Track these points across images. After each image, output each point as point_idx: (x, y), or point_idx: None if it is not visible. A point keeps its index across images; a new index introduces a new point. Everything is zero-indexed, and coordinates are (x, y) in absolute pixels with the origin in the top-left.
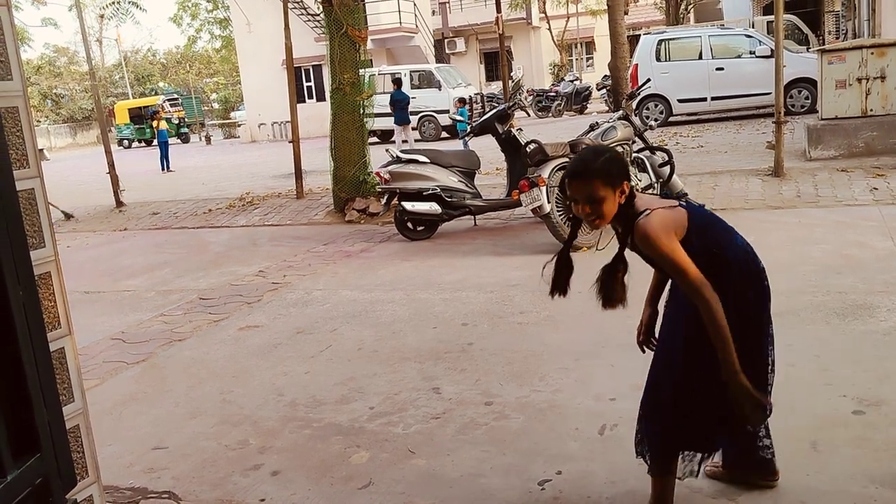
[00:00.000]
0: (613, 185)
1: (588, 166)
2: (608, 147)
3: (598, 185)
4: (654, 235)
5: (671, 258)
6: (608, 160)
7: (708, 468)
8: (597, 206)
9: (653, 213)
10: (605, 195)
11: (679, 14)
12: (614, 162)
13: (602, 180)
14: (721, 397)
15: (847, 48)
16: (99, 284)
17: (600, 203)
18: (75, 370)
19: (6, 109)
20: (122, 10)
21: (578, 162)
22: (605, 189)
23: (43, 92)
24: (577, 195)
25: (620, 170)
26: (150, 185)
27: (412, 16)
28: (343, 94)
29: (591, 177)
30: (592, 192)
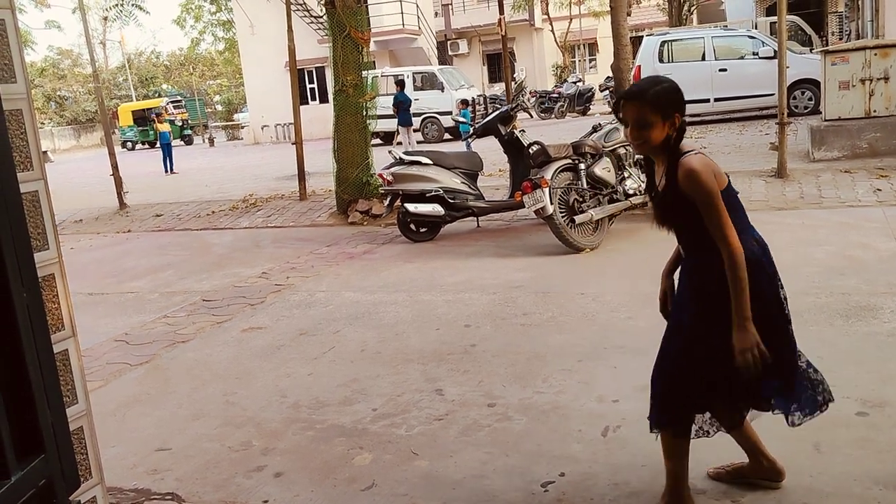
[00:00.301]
0: (663, 114)
1: (643, 91)
2: (667, 78)
3: (649, 110)
4: (700, 170)
5: (711, 197)
6: (664, 89)
7: (711, 470)
8: (644, 132)
9: (700, 154)
10: (653, 121)
11: (682, 15)
12: (669, 92)
13: (653, 106)
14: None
15: (850, 49)
16: (102, 286)
17: (648, 128)
18: (79, 372)
19: (10, 112)
20: (126, 12)
21: (635, 85)
22: (655, 115)
23: (47, 94)
24: (628, 117)
25: (674, 101)
26: (154, 187)
27: (415, 18)
28: (346, 95)
29: (644, 100)
30: (642, 115)
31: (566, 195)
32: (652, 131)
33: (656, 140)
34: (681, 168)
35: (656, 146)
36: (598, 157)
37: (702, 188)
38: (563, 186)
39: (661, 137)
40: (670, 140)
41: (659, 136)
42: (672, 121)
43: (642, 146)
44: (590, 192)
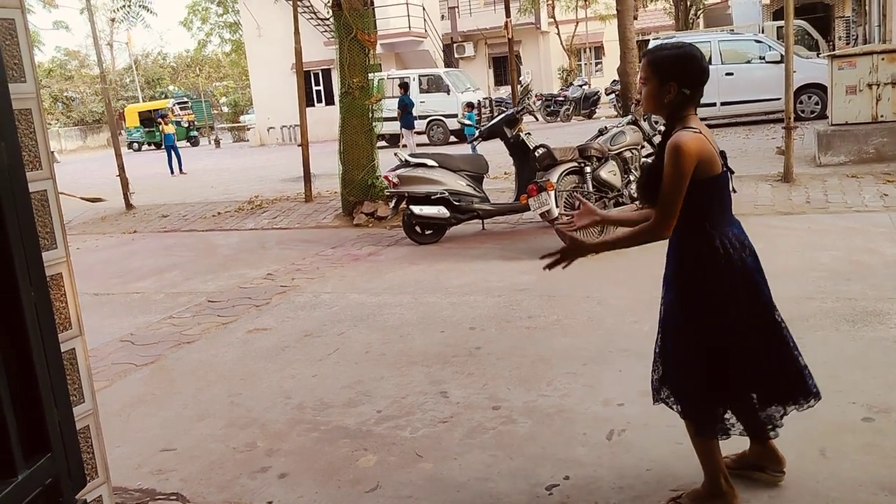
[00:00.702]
0: (660, 77)
1: (652, 50)
2: (690, 47)
3: (648, 68)
4: (684, 147)
5: (675, 181)
6: (669, 54)
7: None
8: (643, 87)
9: (696, 135)
10: (649, 81)
11: (688, 19)
12: (674, 58)
13: (653, 66)
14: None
15: (858, 54)
16: (109, 286)
17: (645, 84)
18: (86, 371)
19: (20, 111)
20: (133, 13)
21: (654, 45)
22: (652, 76)
23: (54, 95)
24: (640, 71)
25: (674, 68)
26: (160, 188)
27: (421, 20)
28: (352, 98)
29: (647, 57)
30: (644, 71)
31: (572, 198)
32: (647, 89)
33: (648, 100)
34: (669, 142)
35: (652, 107)
36: (604, 160)
37: (672, 164)
38: (568, 189)
39: (655, 99)
40: (669, 108)
41: (651, 97)
42: (668, 86)
43: (642, 102)
44: (595, 196)
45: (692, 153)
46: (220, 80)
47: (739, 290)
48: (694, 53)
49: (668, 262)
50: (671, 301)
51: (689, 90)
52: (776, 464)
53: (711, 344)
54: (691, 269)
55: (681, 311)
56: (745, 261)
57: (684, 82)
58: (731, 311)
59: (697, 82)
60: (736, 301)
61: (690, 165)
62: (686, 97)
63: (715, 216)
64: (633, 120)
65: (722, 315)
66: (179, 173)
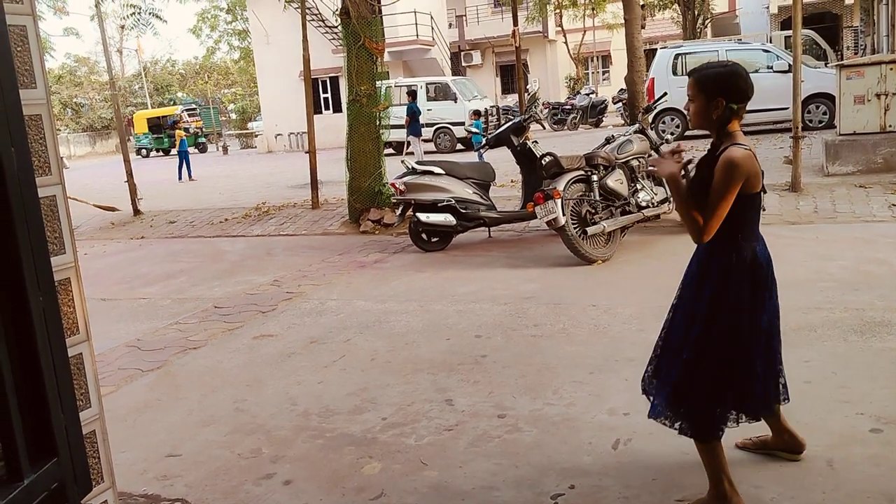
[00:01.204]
0: (707, 95)
1: (698, 69)
2: (735, 65)
3: (696, 85)
4: (738, 164)
5: (724, 194)
6: (714, 72)
7: (739, 441)
8: (691, 104)
9: (747, 152)
10: (696, 98)
11: (696, 28)
12: (720, 76)
13: (700, 84)
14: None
15: (866, 63)
16: (116, 292)
17: (692, 102)
18: (92, 376)
19: (30, 117)
20: (143, 20)
21: (702, 64)
22: (699, 94)
23: (63, 101)
24: (687, 88)
25: (721, 86)
26: (168, 194)
27: (429, 28)
28: (360, 105)
29: (694, 76)
30: (691, 89)
31: (578, 206)
32: (694, 106)
33: (696, 116)
34: (724, 156)
35: (700, 123)
36: (611, 168)
37: (725, 179)
38: (575, 198)
39: (702, 115)
40: (717, 123)
41: (699, 113)
42: (715, 103)
43: (690, 119)
44: (602, 204)
45: (743, 170)
46: (228, 87)
47: (755, 303)
48: (739, 71)
49: (696, 270)
50: (695, 308)
51: (736, 105)
52: (797, 447)
53: (726, 353)
54: (719, 278)
55: (705, 318)
56: (767, 278)
57: (732, 98)
58: (743, 322)
59: (744, 98)
60: (749, 313)
61: (741, 181)
62: (732, 112)
63: (747, 230)
64: (641, 129)
65: (738, 324)
66: (189, 180)
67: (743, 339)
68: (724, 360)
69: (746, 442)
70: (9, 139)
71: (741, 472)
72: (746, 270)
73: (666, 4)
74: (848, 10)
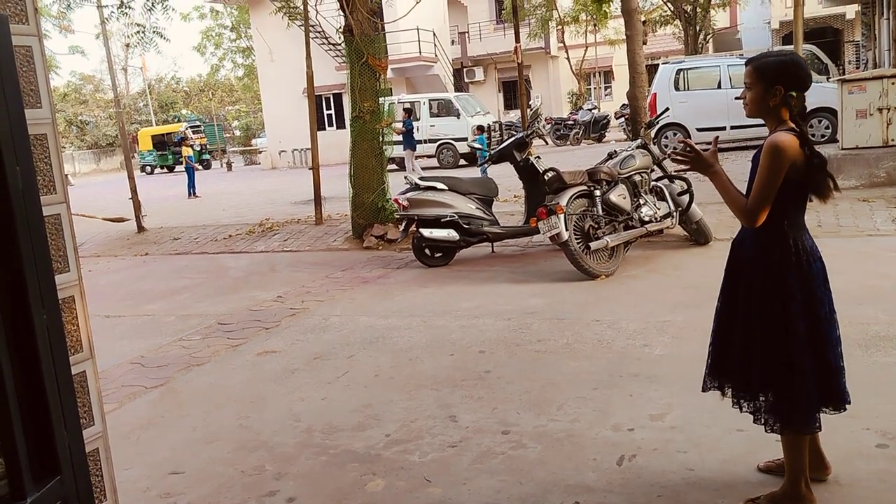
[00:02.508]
0: (764, 82)
1: (756, 58)
2: (793, 53)
3: (754, 73)
4: (781, 150)
5: (769, 177)
6: (773, 60)
7: (762, 464)
8: (746, 92)
9: (793, 136)
10: (754, 86)
11: (698, 44)
12: (778, 64)
13: (759, 72)
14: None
15: (867, 78)
16: (120, 308)
17: (749, 90)
18: (96, 393)
19: (35, 136)
20: (147, 39)
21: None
22: (756, 81)
23: (68, 119)
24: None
25: (780, 74)
26: (172, 211)
27: (432, 45)
28: (363, 122)
29: (751, 64)
30: (749, 77)
31: (581, 222)
32: (750, 94)
33: (753, 104)
34: (768, 141)
35: (757, 111)
36: (614, 184)
37: (770, 159)
38: (578, 213)
39: (761, 103)
40: (776, 111)
41: (755, 101)
42: (773, 91)
43: (745, 108)
44: (605, 219)
45: (788, 154)
46: (232, 104)
47: (802, 293)
48: (798, 60)
49: (742, 261)
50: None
51: (795, 93)
52: (823, 469)
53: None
54: (767, 265)
55: (762, 307)
56: (812, 267)
57: (790, 86)
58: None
59: (802, 86)
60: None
61: (785, 164)
62: (790, 100)
63: (792, 217)
64: (643, 144)
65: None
66: (194, 196)
67: (801, 330)
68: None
69: (770, 464)
70: (14, 158)
71: (743, 488)
72: (791, 258)
73: (667, 20)
74: (849, 25)
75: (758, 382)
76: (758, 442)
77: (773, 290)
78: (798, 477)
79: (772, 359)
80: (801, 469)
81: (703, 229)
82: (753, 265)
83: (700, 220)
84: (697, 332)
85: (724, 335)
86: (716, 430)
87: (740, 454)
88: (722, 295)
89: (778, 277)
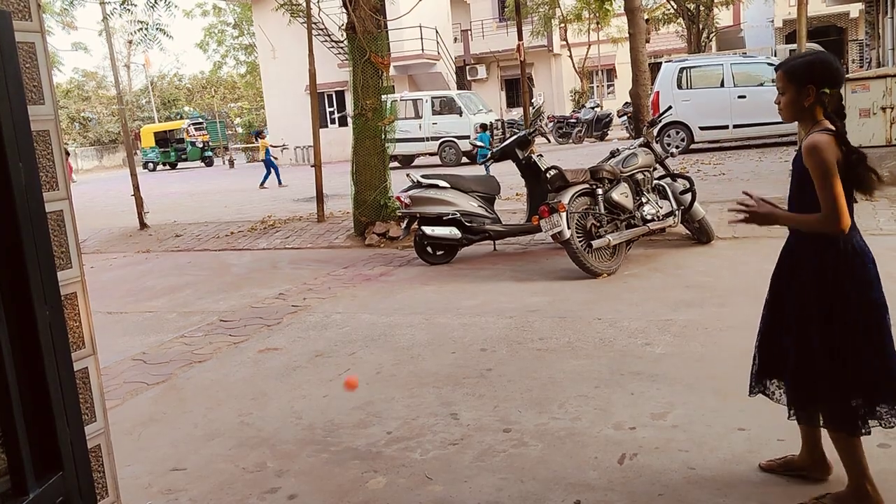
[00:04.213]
0: (796, 83)
1: (785, 62)
2: (823, 52)
3: (784, 77)
4: (821, 149)
5: (826, 168)
6: (803, 61)
7: (763, 463)
8: (780, 97)
9: (829, 136)
10: (787, 90)
11: (701, 42)
12: (809, 65)
13: (789, 75)
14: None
15: (871, 77)
16: (122, 305)
17: (782, 94)
18: (98, 390)
19: (37, 133)
20: (150, 36)
21: (788, 56)
22: (788, 84)
23: (71, 115)
24: (776, 83)
25: (810, 73)
26: (174, 208)
27: (434, 43)
28: (365, 119)
29: (780, 69)
30: (780, 81)
31: (583, 220)
32: (784, 97)
33: (787, 107)
34: (805, 145)
35: (793, 114)
36: (616, 182)
37: (816, 160)
38: (580, 211)
39: (792, 106)
40: (811, 112)
41: (789, 103)
42: (805, 91)
43: (782, 112)
44: (607, 217)
45: (829, 152)
46: (234, 101)
47: (852, 292)
48: (825, 57)
49: (793, 263)
50: (803, 302)
51: (828, 90)
52: (824, 470)
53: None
54: (817, 267)
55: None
56: (865, 267)
57: (822, 84)
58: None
59: (834, 82)
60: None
61: (833, 159)
62: (823, 98)
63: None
64: (646, 142)
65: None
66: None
67: (851, 329)
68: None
69: (771, 463)
70: (17, 155)
71: (745, 487)
72: (840, 256)
73: (670, 18)
74: (853, 24)
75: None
76: (759, 441)
77: (827, 294)
78: (860, 477)
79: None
80: (859, 470)
81: (706, 228)
82: (804, 268)
83: (702, 218)
84: (699, 331)
85: (775, 338)
86: (717, 429)
87: (742, 453)
88: (772, 299)
89: (832, 281)
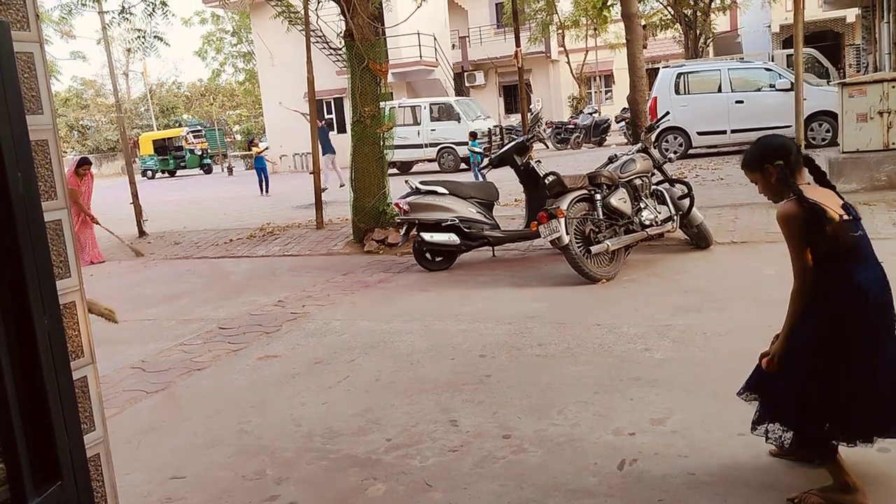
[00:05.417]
0: (757, 170)
1: (744, 156)
2: (770, 137)
3: (746, 171)
4: (783, 221)
5: (791, 246)
6: (750, 150)
7: (772, 448)
8: (758, 187)
9: (789, 203)
10: (755, 179)
11: (698, 48)
12: (756, 150)
13: (747, 167)
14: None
15: (868, 81)
16: (120, 313)
17: (757, 184)
18: (97, 399)
19: (36, 142)
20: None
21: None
22: (752, 174)
23: (70, 123)
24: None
25: (762, 156)
26: (173, 216)
27: (432, 50)
28: (364, 126)
29: (742, 167)
30: (748, 177)
31: (582, 225)
32: (760, 186)
33: (766, 192)
34: (776, 214)
35: (772, 195)
36: (615, 187)
37: (783, 231)
38: (578, 217)
39: (769, 189)
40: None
41: (766, 188)
42: (767, 171)
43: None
44: (606, 223)
45: (794, 221)
46: (233, 109)
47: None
48: (766, 138)
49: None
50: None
51: (782, 161)
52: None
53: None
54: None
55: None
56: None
57: (774, 158)
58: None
59: (782, 152)
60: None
61: (798, 229)
62: (784, 168)
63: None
64: (643, 148)
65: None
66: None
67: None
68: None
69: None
70: (15, 164)
71: (744, 492)
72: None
73: (668, 24)
74: (849, 29)
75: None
76: (759, 446)
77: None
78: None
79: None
80: (841, 479)
81: (704, 233)
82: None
83: (701, 223)
84: (698, 336)
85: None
86: (717, 435)
87: (741, 458)
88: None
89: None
